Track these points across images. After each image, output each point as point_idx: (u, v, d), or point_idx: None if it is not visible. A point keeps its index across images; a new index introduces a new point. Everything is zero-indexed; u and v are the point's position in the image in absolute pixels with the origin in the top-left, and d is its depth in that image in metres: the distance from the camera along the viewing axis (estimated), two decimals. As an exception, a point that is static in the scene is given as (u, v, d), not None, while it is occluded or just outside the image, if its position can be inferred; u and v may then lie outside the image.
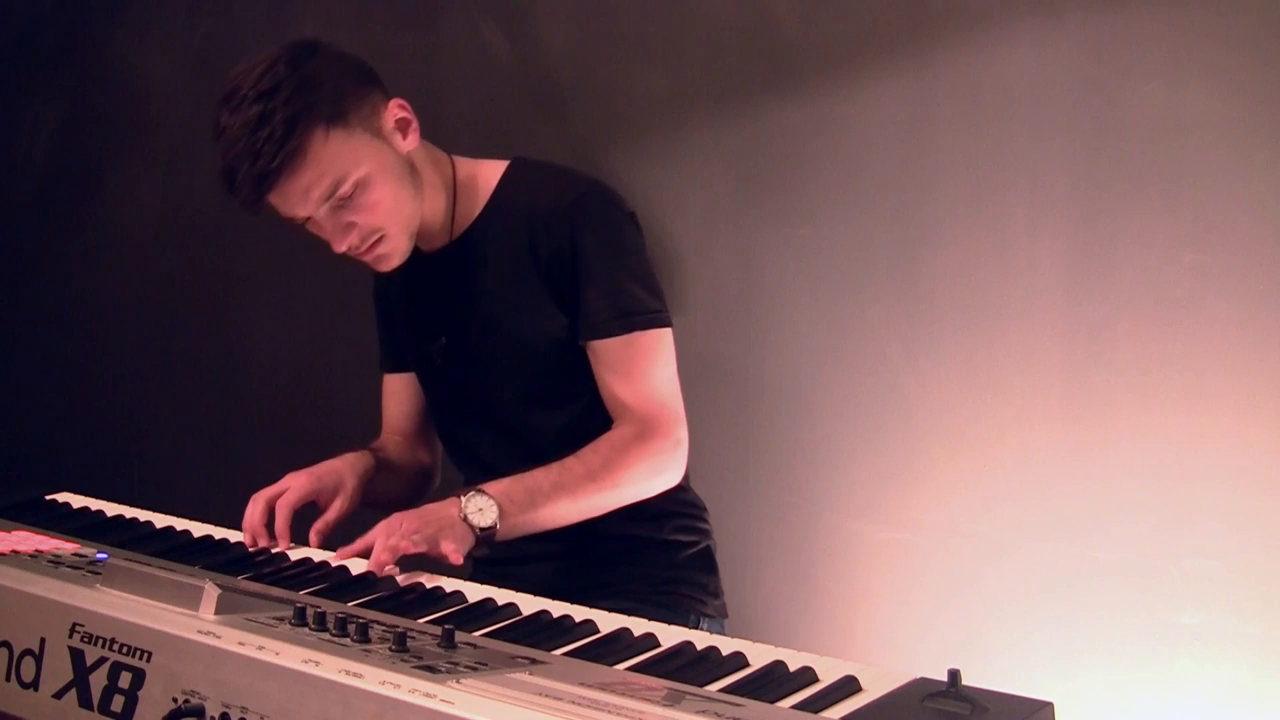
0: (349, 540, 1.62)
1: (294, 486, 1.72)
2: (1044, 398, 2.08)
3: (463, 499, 1.63)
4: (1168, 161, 1.97)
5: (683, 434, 1.78)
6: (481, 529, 1.62)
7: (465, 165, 1.87)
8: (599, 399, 1.81)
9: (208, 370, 3.26)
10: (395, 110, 1.76)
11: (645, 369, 1.78)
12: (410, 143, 1.77)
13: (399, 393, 2.02)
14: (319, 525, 1.72)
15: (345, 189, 1.68)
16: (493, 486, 1.66)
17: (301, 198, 1.68)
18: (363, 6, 2.85)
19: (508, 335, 1.82)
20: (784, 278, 2.33)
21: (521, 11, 2.64)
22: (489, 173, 1.87)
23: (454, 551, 1.56)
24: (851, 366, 2.26)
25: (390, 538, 1.54)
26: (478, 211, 1.85)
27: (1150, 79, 1.97)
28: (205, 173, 3.22)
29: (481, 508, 1.63)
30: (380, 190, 1.71)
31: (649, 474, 1.75)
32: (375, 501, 1.85)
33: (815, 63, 2.28)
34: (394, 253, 1.77)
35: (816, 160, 2.28)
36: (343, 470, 1.78)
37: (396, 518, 1.59)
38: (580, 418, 1.81)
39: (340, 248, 1.73)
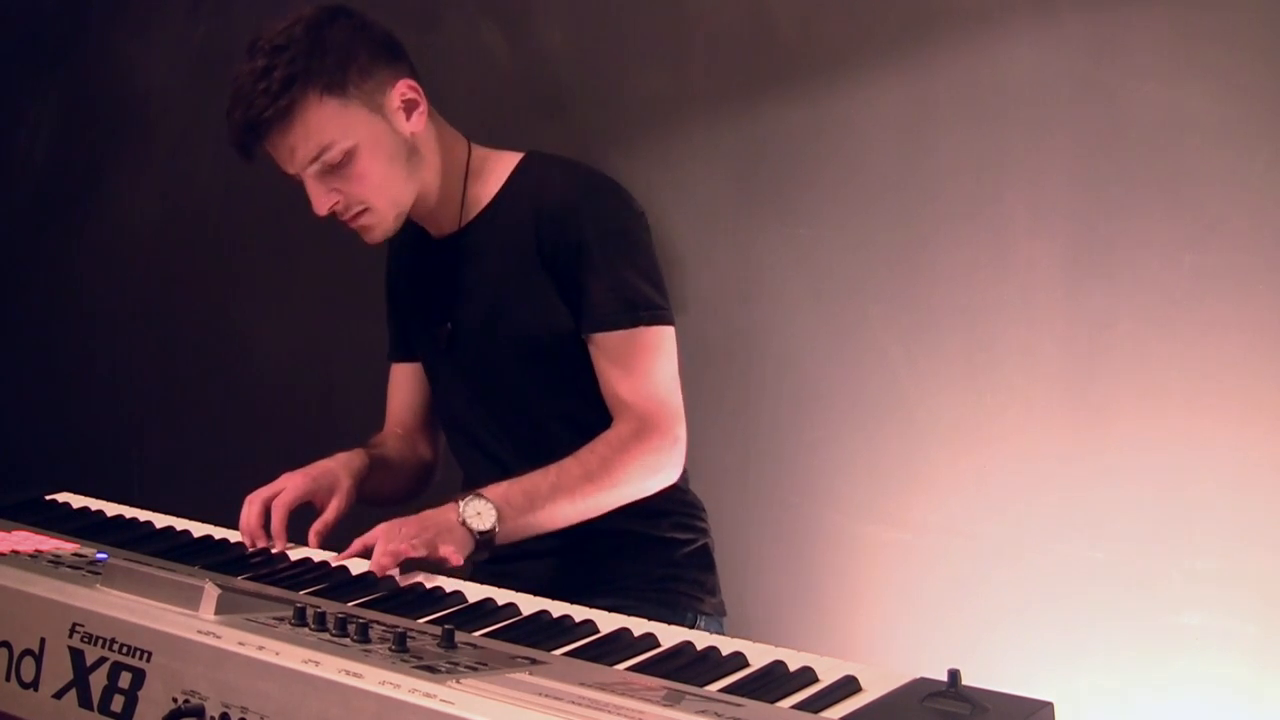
0: (348, 540, 1.62)
1: (290, 487, 1.72)
2: (1044, 398, 2.08)
3: (460, 503, 1.63)
4: (1167, 162, 1.97)
5: (681, 432, 1.79)
6: (480, 533, 1.62)
7: (482, 154, 1.90)
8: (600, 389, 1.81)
9: (208, 370, 3.26)
10: (403, 89, 1.78)
11: (647, 365, 1.78)
12: (415, 124, 1.79)
13: (404, 384, 2.03)
14: (318, 526, 1.72)
15: (331, 155, 1.72)
16: (490, 490, 1.67)
17: (289, 155, 1.73)
18: (362, 6, 2.84)
19: (510, 324, 1.83)
20: (784, 278, 2.32)
21: (521, 12, 2.64)
22: (503, 163, 1.89)
23: (453, 554, 1.56)
24: (851, 366, 2.25)
25: (391, 542, 1.54)
26: (488, 200, 1.85)
27: (1150, 79, 1.97)
28: (205, 172, 3.24)
29: (480, 511, 1.63)
30: (368, 164, 1.74)
31: (647, 473, 1.76)
32: (372, 499, 1.85)
33: (815, 63, 2.28)
34: (377, 226, 1.79)
35: (816, 160, 2.28)
36: (337, 470, 1.79)
37: (396, 522, 1.59)
38: (583, 407, 1.82)
39: (320, 211, 1.77)
